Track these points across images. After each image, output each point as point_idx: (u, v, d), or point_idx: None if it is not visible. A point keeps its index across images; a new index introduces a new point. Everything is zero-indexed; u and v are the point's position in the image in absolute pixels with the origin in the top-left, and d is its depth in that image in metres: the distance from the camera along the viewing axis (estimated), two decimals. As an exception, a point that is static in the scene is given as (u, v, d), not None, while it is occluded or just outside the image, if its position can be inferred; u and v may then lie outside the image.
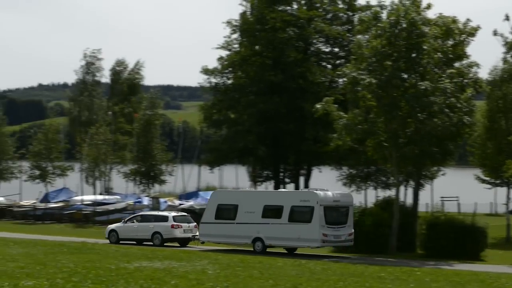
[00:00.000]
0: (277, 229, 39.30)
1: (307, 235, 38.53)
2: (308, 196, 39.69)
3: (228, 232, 40.69)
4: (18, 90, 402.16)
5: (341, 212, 39.96)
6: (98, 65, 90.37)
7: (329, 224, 38.76)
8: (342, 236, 39.46)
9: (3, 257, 29.37)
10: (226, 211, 41.30)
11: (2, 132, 74.52)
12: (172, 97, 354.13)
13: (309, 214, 38.70)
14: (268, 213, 39.85)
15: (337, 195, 40.94)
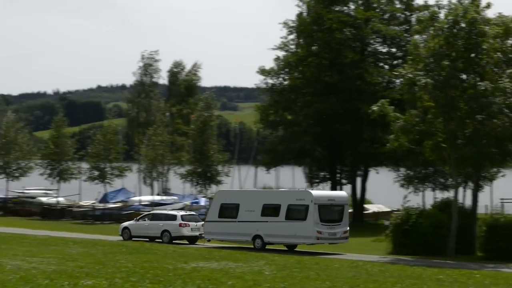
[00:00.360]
0: (275, 227, 40.97)
1: (303, 232, 40.11)
2: (303, 195, 41.37)
3: (230, 230, 42.32)
4: (78, 91, 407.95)
5: (336, 211, 41.51)
6: (156, 66, 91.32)
7: (324, 222, 40.34)
8: (337, 234, 40.94)
9: (63, 256, 29.83)
10: (228, 210, 43.01)
11: (62, 133, 75.47)
12: (228, 98, 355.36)
13: (304, 212, 40.31)
14: (266, 211, 41.60)
15: (332, 195, 44.05)
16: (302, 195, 41.71)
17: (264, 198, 43.19)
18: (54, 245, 36.38)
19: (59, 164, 73.87)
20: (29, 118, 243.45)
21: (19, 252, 31.06)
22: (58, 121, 76.04)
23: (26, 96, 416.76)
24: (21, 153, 76.10)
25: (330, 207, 41.51)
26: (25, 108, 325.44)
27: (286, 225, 40.73)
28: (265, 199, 42.86)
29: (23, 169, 76.36)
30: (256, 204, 42.13)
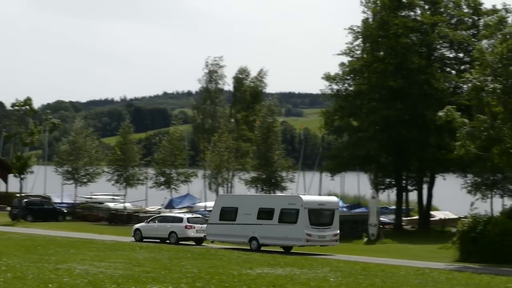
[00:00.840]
0: (269, 229, 43.32)
1: (293, 234, 42.34)
2: (294, 200, 43.94)
3: (229, 232, 44.91)
4: (144, 98, 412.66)
5: (326, 215, 43.67)
6: (221, 73, 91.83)
7: (314, 225, 42.58)
8: (327, 237, 43.16)
9: (130, 261, 30.16)
10: (228, 213, 45.47)
11: (128, 140, 76.44)
12: (293, 104, 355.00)
13: (295, 216, 42.56)
14: (262, 215, 43.98)
15: (323, 200, 46.51)
16: (293, 200, 44.26)
17: (260, 202, 45.82)
18: (121, 250, 36.82)
19: (125, 170, 74.79)
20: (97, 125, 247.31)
21: (87, 257, 31.53)
22: (125, 127, 77.03)
23: (94, 103, 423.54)
24: (89, 159, 77.28)
25: (320, 211, 43.61)
26: (93, 115, 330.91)
27: (279, 227, 43.01)
28: (260, 203, 45.45)
29: (91, 175, 77.49)
30: (252, 208, 44.56)
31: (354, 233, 56.32)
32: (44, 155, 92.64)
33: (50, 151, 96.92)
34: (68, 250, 34.81)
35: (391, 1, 63.55)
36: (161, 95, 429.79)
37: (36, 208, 68.54)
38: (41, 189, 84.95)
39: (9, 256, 30.41)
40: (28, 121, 68.99)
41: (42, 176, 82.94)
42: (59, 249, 35.34)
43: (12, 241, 39.97)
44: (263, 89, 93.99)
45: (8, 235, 46.02)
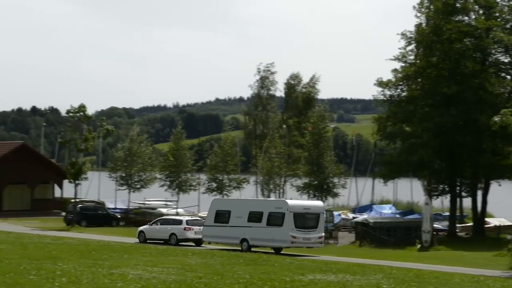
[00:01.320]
0: (258, 231, 46.03)
1: (280, 236, 45.15)
2: (281, 204, 46.74)
3: (223, 234, 47.64)
4: (197, 104, 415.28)
5: (311, 218, 46.09)
6: (272, 79, 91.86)
7: (299, 228, 45.15)
8: (311, 239, 45.75)
9: (182, 267, 30.30)
10: (222, 216, 48.24)
11: (181, 146, 76.95)
12: (345, 110, 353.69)
13: (281, 219, 45.18)
14: (252, 218, 46.68)
15: (308, 204, 48.87)
16: (279, 204, 47.25)
17: (250, 206, 48.31)
18: (174, 255, 37.02)
19: (178, 176, 75.28)
20: (150, 131, 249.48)
21: (140, 262, 31.76)
22: (177, 133, 77.58)
23: (147, 110, 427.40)
24: (142, 166, 77.96)
25: (305, 215, 46.04)
26: (146, 121, 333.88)
27: (267, 230, 45.80)
28: (251, 207, 48.01)
29: (144, 181, 78.17)
30: (244, 211, 47.29)
31: (407, 239, 55.90)
32: (98, 161, 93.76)
33: (104, 157, 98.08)
34: (121, 255, 35.11)
35: (444, 6, 62.92)
36: (213, 101, 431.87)
37: (90, 213, 69.40)
38: (95, 194, 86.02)
39: (64, 260, 30.79)
40: (83, 127, 69.92)
41: (96, 182, 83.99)
42: (112, 254, 35.68)
43: (67, 246, 40.48)
44: (315, 95, 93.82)
45: (63, 240, 46.66)
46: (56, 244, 42.19)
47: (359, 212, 72.41)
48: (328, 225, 59.63)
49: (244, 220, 46.93)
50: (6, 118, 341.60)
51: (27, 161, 78.19)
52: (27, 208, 77.84)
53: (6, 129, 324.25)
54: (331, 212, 63.88)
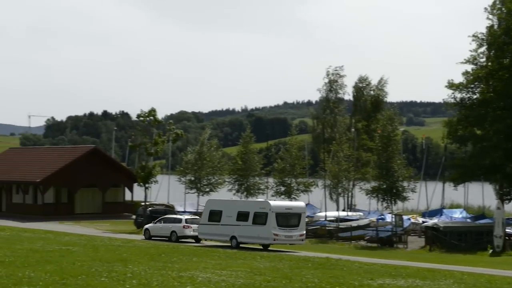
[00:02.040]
0: (245, 229, 50.03)
1: (263, 234, 49.23)
2: (264, 205, 50.80)
3: (215, 231, 51.67)
4: (265, 108, 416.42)
5: (293, 218, 49.99)
6: (341, 82, 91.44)
7: (281, 227, 49.19)
8: (293, 236, 49.78)
9: (251, 270, 30.38)
10: (214, 215, 51.98)
11: (249, 149, 77.20)
12: (415, 113, 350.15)
13: (265, 218, 49.22)
14: (240, 217, 50.57)
15: (290, 205, 52.75)
16: (263, 204, 51.14)
17: (238, 206, 52.52)
18: (242, 258, 37.14)
19: (246, 179, 75.52)
20: (219, 135, 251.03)
21: (209, 265, 31.96)
22: (246, 137, 77.84)
23: (216, 113, 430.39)
24: (211, 169, 78.48)
25: (287, 214, 49.89)
26: (215, 125, 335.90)
27: (252, 228, 49.82)
28: (239, 207, 52.14)
29: (213, 185, 78.67)
30: (233, 211, 51.23)
31: (479, 244, 55.01)
32: (168, 164, 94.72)
33: (173, 160, 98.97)
34: (190, 258, 35.39)
35: (517, 7, 61.67)
36: (282, 105, 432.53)
37: (160, 216, 70.07)
38: (165, 198, 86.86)
39: (135, 263, 31.19)
40: (153, 131, 70.72)
41: (165, 185, 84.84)
42: (182, 257, 35.99)
43: (137, 249, 41.00)
44: (383, 98, 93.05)
45: (134, 243, 47.25)
46: (127, 246, 42.77)
47: (429, 217, 71.51)
48: (397, 230, 59.08)
49: (233, 219, 50.85)
50: (78, 123, 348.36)
51: (99, 164, 79.51)
52: (98, 211, 79.09)
53: (78, 133, 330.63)
54: (401, 216, 63.13)
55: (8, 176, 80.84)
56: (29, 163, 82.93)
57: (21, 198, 78.62)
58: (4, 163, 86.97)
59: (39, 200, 76.86)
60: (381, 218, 66.30)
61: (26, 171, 79.90)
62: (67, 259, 31.75)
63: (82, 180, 77.47)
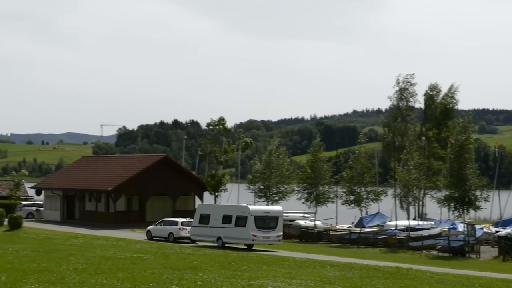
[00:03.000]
0: (229, 231, 55.27)
1: (243, 235, 54.38)
2: (244, 209, 55.42)
3: (205, 233, 57.03)
4: (334, 116, 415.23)
5: (270, 221, 54.90)
6: (412, 90, 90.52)
7: (259, 228, 54.12)
8: (271, 237, 54.72)
9: (321, 279, 30.28)
10: (204, 218, 57.33)
11: (319, 158, 76.95)
12: (487, 121, 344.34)
13: (244, 221, 54.27)
14: (224, 220, 55.76)
15: (268, 209, 57.87)
16: (243, 209, 55.72)
17: (224, 211, 57.23)
18: (312, 267, 37.05)
19: (315, 188, 75.29)
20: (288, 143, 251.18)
21: (279, 274, 31.96)
22: (316, 145, 77.59)
23: (284, 122, 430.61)
24: (280, 178, 78.54)
25: (265, 218, 54.85)
26: (284, 133, 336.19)
27: (235, 230, 54.90)
28: (224, 211, 56.90)
29: (282, 193, 78.70)
30: (219, 215, 56.37)
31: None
32: (237, 173, 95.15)
33: (243, 169, 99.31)
34: (260, 267, 35.45)
35: None
36: (351, 113, 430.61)
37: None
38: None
39: (205, 271, 31.39)
40: (222, 140, 71.16)
41: (235, 194, 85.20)
42: (251, 265, 36.08)
43: (207, 257, 41.25)
44: (454, 105, 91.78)
45: (203, 251, 47.57)
46: (197, 254, 43.08)
47: (502, 226, 70.18)
48: (469, 239, 58.13)
49: (219, 222, 56.03)
50: (149, 132, 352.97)
51: (169, 173, 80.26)
52: (169, 219, 79.80)
53: (149, 142, 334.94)
54: (473, 225, 62.08)
55: (81, 185, 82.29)
56: (101, 171, 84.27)
57: (93, 206, 79.91)
58: (77, 171, 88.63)
59: (111, 208, 77.98)
60: (452, 227, 65.30)
61: (98, 180, 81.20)
62: (139, 267, 32.15)
63: (153, 189, 78.33)
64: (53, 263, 31.81)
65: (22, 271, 27.87)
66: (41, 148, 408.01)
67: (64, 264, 31.78)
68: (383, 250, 61.14)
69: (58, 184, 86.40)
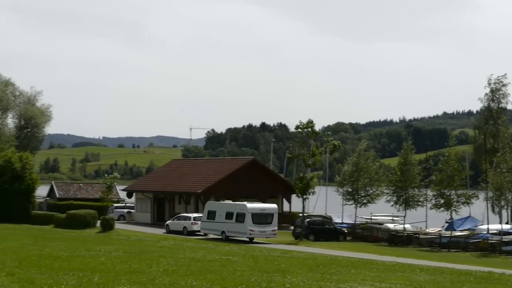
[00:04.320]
0: (230, 226, 63.09)
1: (242, 230, 62.43)
2: (243, 206, 63.18)
3: (211, 227, 64.85)
4: (423, 119, 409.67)
5: (266, 217, 62.92)
6: (504, 91, 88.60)
7: (256, 224, 62.09)
8: (266, 231, 62.67)
9: (410, 283, 29.97)
10: (211, 214, 64.97)
11: (409, 161, 75.95)
12: None
13: (243, 217, 62.28)
14: (228, 216, 63.59)
15: (264, 206, 64.83)
16: (242, 206, 63.26)
17: (227, 208, 64.48)
18: (401, 271, 36.66)
19: (405, 191, 74.40)
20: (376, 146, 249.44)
21: (368, 277, 31.74)
22: (406, 148, 76.60)
23: (373, 124, 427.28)
24: (369, 181, 77.99)
25: (261, 214, 62.69)
26: (372, 136, 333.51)
27: (235, 225, 62.80)
28: (227, 208, 64.31)
29: (371, 196, 78.14)
30: (223, 211, 64.00)
31: None
32: (325, 176, 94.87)
33: (331, 172, 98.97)
34: (349, 270, 35.28)
35: None
36: (441, 115, 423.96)
37: (318, 227, 70.33)
38: (322, 209, 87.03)
39: (293, 274, 31.42)
40: (310, 142, 71.06)
41: (323, 197, 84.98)
42: (340, 268, 35.94)
43: (296, 260, 41.29)
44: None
45: (292, 254, 47.63)
46: (285, 257, 43.16)
47: None
48: None
49: (223, 218, 63.54)
50: (238, 135, 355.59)
51: (257, 176, 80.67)
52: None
53: (237, 145, 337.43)
54: None
55: (171, 187, 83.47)
56: (191, 174, 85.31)
57: (183, 208, 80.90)
58: (167, 174, 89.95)
59: (200, 210, 78.81)
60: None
61: (188, 182, 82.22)
62: (228, 269, 32.40)
63: (241, 191, 78.81)
64: (144, 265, 32.37)
65: (114, 272, 28.45)
66: (132, 151, 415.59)
67: (154, 265, 32.29)
68: (475, 255, 60.02)
69: (148, 186, 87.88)
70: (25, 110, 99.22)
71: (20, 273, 25.89)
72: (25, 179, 77.03)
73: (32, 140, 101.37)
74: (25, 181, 77.05)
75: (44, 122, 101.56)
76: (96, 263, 32.20)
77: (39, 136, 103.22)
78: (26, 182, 77.09)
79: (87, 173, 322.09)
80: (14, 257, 32.99)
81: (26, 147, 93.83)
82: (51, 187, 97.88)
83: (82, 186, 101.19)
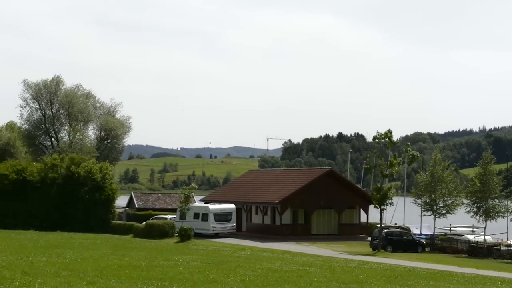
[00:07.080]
0: (198, 224, 74.31)
1: (206, 227, 74.63)
2: (206, 208, 75.69)
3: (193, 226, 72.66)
4: (504, 128, 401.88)
5: (226, 216, 75.88)
6: None
7: (217, 222, 75.01)
8: (227, 228, 75.41)
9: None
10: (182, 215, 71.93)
11: (489, 171, 74.63)
12: None
13: (207, 216, 74.96)
14: (195, 216, 74.96)
15: (224, 207, 76.77)
16: (206, 208, 75.73)
17: (195, 210, 75.61)
18: (482, 283, 36.01)
19: (485, 201, 73.10)
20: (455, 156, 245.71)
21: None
22: (486, 158, 75.33)
23: (452, 134, 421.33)
24: (447, 191, 76.90)
25: (222, 213, 75.57)
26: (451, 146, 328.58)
27: (201, 223, 74.88)
28: (195, 210, 75.48)
29: (449, 207, 77.00)
30: (192, 212, 73.97)
31: None
32: (403, 186, 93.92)
33: (409, 182, 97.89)
34: (428, 282, 34.81)
35: None
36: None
37: (396, 238, 69.61)
38: (400, 220, 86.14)
39: (370, 285, 31.16)
40: (388, 153, 70.44)
41: (401, 207, 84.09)
42: (419, 280, 35.49)
43: (373, 271, 40.94)
44: None
45: (369, 265, 47.23)
46: (363, 268, 42.84)
47: None
48: None
49: (192, 218, 74.04)
50: (314, 145, 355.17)
51: (334, 186, 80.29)
52: (334, 232, 79.81)
53: (314, 155, 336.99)
54: None
55: (248, 197, 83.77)
56: (267, 184, 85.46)
57: (260, 219, 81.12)
58: (244, 184, 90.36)
59: (277, 220, 78.89)
60: None
61: (264, 193, 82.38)
62: (305, 279, 32.32)
63: (318, 202, 78.63)
64: (221, 275, 32.53)
65: (192, 282, 28.68)
66: (209, 162, 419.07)
67: (232, 275, 32.42)
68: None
69: (226, 196, 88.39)
70: (105, 122, 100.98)
71: (100, 282, 26.34)
72: (105, 189, 78.54)
73: (112, 151, 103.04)
74: (105, 192, 78.56)
75: (124, 133, 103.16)
76: (174, 272, 32.52)
77: (119, 147, 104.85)
78: (106, 193, 78.59)
79: (165, 184, 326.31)
80: (95, 266, 33.57)
81: (106, 158, 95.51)
82: (130, 197, 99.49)
83: (161, 196, 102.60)
